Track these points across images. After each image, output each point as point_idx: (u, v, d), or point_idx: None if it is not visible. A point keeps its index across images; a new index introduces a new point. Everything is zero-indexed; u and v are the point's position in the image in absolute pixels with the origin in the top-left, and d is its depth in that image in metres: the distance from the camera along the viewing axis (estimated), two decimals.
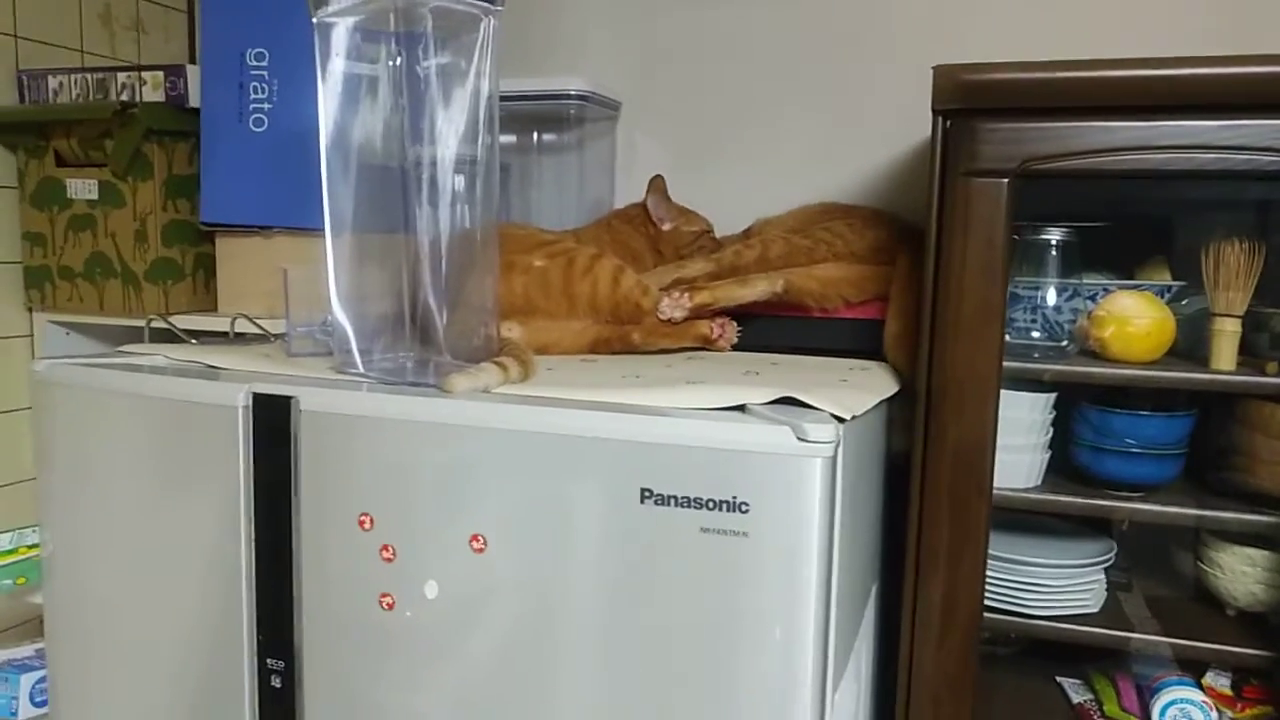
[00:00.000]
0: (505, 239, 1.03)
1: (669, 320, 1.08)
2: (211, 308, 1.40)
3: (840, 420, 0.73)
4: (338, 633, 0.83)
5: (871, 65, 1.36)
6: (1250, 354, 0.98)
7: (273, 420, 0.83)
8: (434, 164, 0.89)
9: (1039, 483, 1.04)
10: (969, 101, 0.90)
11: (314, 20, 0.88)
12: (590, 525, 0.74)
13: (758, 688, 0.72)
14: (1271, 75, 0.82)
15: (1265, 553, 0.99)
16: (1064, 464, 1.06)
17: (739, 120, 1.43)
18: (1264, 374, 0.94)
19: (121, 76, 1.35)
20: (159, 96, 1.34)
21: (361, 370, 0.90)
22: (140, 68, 1.36)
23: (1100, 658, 1.12)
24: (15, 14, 1.42)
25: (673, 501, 0.72)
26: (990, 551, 0.98)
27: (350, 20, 0.87)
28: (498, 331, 0.94)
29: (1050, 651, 1.16)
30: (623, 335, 1.08)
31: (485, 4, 0.84)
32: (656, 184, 1.29)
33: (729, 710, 0.72)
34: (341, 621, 0.82)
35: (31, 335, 1.48)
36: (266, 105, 1.28)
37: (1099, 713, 1.07)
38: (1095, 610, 1.03)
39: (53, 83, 1.39)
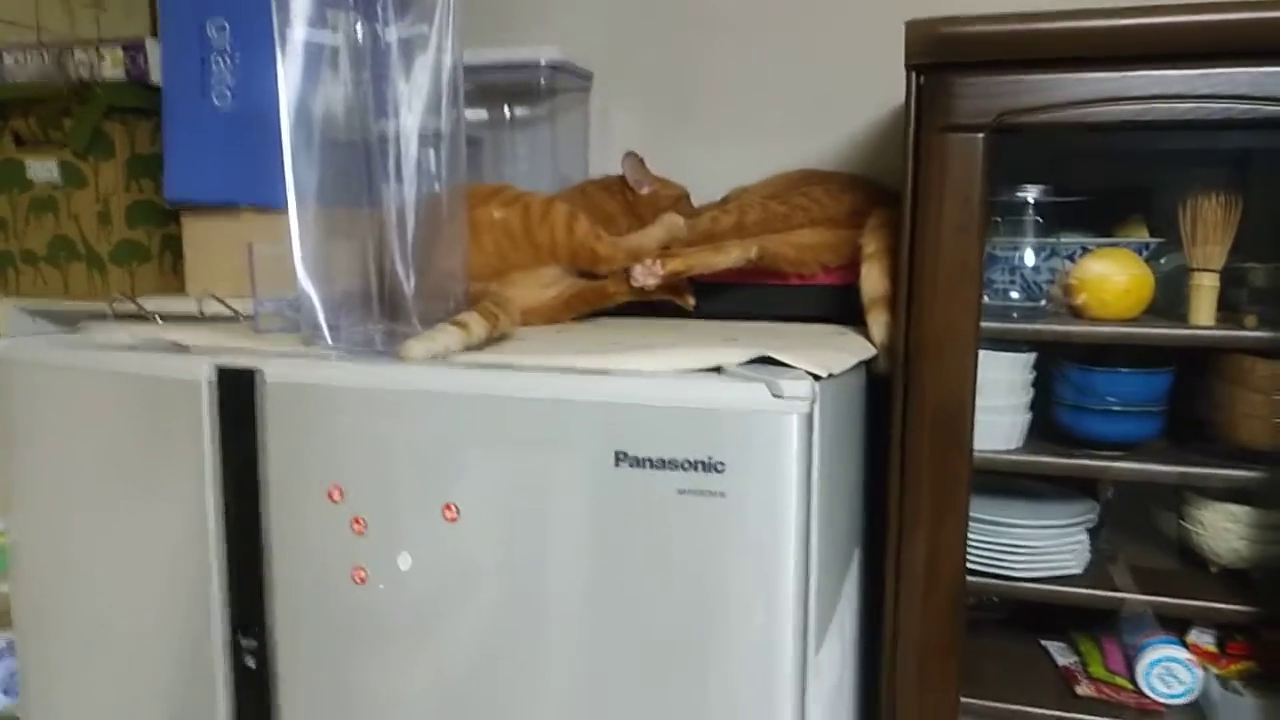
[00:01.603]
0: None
1: (642, 288, 1.07)
2: (180, 289, 1.37)
3: (816, 378, 0.72)
4: (311, 609, 0.81)
5: (846, 28, 1.34)
6: (1229, 308, 0.98)
7: (238, 394, 0.81)
8: (399, 136, 0.88)
9: (1020, 444, 1.03)
10: (943, 55, 0.89)
11: None
12: (565, 491, 0.73)
13: (739, 648, 0.71)
14: (1242, 21, 0.81)
15: (1246, 508, 0.98)
16: (1046, 425, 1.05)
17: (713, 89, 1.41)
18: (1242, 328, 0.93)
19: (79, 53, 1.32)
20: (119, 73, 1.31)
21: (330, 343, 0.88)
22: (99, 43, 1.32)
23: (1085, 619, 1.12)
24: None
25: (648, 464, 0.70)
26: (973, 514, 0.97)
27: None
28: (467, 300, 0.92)
29: (1035, 615, 1.15)
30: (598, 289, 1.07)
31: None
32: (631, 154, 1.28)
33: (712, 671, 0.71)
34: (314, 597, 0.81)
35: None
36: (230, 79, 1.24)
37: (1084, 674, 1.06)
38: (1078, 571, 1.02)
39: (8, 59, 1.35)
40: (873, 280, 1.03)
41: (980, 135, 0.88)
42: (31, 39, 1.47)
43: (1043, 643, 1.14)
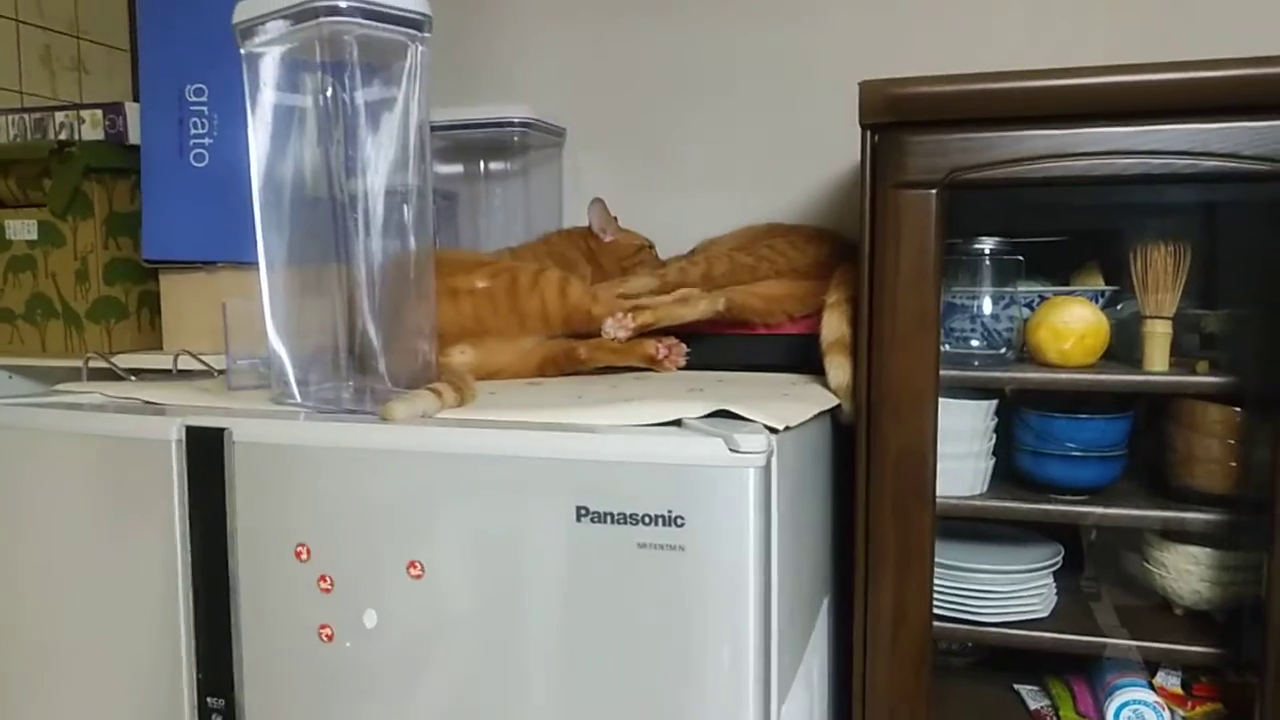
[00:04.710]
0: (444, 264, 1.03)
1: (614, 339, 1.08)
2: (157, 345, 1.38)
3: (773, 431, 0.73)
4: (278, 667, 0.81)
5: (809, 86, 1.38)
6: (1183, 354, 1.00)
7: (206, 453, 0.82)
8: (366, 195, 0.89)
9: (984, 490, 1.05)
10: (895, 115, 0.92)
11: (242, 52, 0.88)
12: (527, 546, 0.73)
13: (705, 700, 0.71)
14: (1178, 82, 0.84)
15: (1207, 550, 1.00)
16: (1009, 470, 1.07)
17: (682, 145, 1.45)
18: (1194, 373, 0.95)
19: (60, 116, 1.34)
20: (98, 135, 1.33)
21: (299, 400, 0.90)
22: (79, 106, 1.35)
23: (1055, 663, 1.13)
24: None
25: (609, 519, 0.71)
26: (939, 560, 0.98)
27: (278, 50, 0.88)
28: (436, 358, 0.93)
29: (1006, 659, 1.16)
30: (569, 351, 1.09)
31: (412, 31, 0.84)
32: (598, 201, 1.31)
33: None
34: (281, 655, 0.81)
35: None
36: (207, 140, 1.27)
37: (1056, 717, 1.07)
38: (1045, 615, 1.03)
39: None
40: (831, 325, 1.05)
41: (933, 191, 0.91)
42: (16, 103, 1.49)
43: (1015, 686, 1.14)
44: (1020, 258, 1.06)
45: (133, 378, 1.13)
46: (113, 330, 1.35)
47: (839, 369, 1.01)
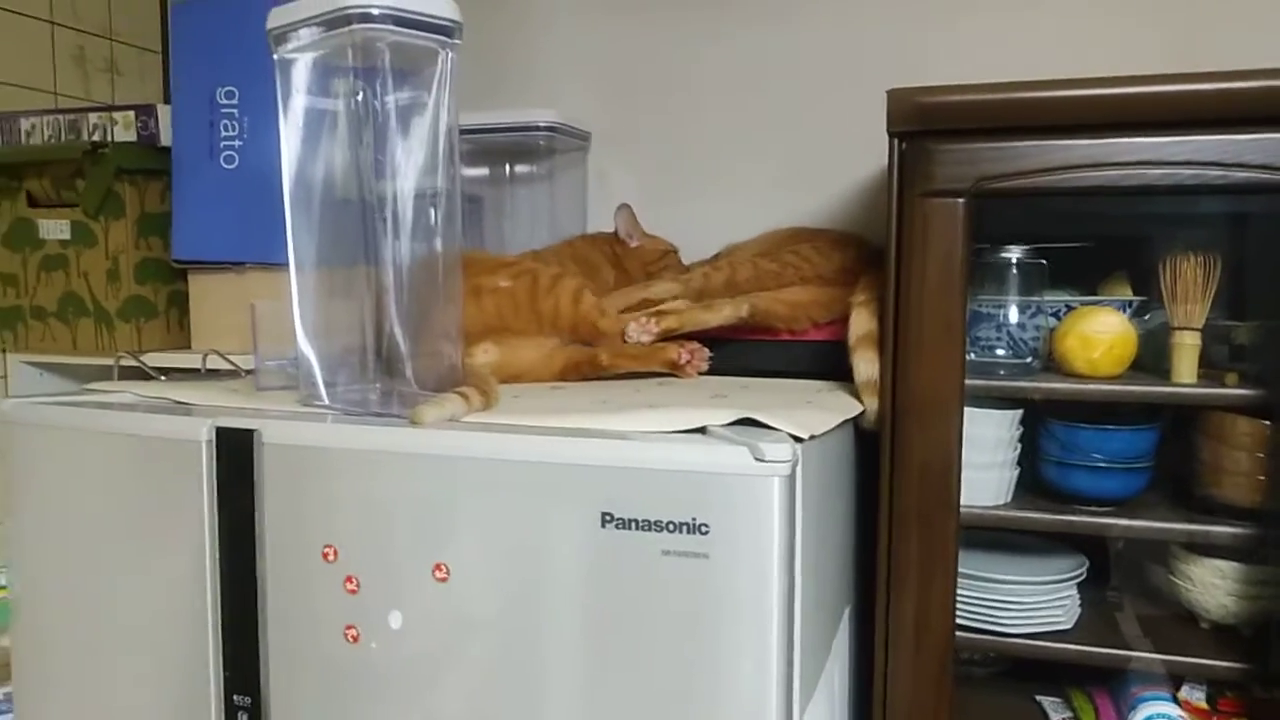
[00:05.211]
0: (469, 264, 1.04)
1: (636, 344, 1.09)
2: (186, 344, 1.40)
3: (798, 440, 0.73)
4: (304, 667, 0.82)
5: (834, 91, 1.38)
6: (1211, 365, 0.99)
7: (236, 454, 0.83)
8: (395, 197, 0.90)
9: (1009, 499, 1.04)
10: (923, 124, 0.91)
11: (275, 57, 0.89)
12: (552, 551, 0.74)
13: (727, 707, 0.71)
14: (1211, 92, 0.84)
15: (1234, 564, 0.99)
16: (1034, 480, 1.06)
17: (707, 148, 1.45)
18: (1223, 385, 0.94)
19: (93, 117, 1.36)
20: (130, 136, 1.35)
21: (326, 402, 0.91)
22: (112, 108, 1.37)
23: (1078, 675, 1.12)
24: None
25: (634, 525, 0.72)
26: (963, 569, 0.98)
27: (310, 56, 0.89)
28: (461, 360, 0.94)
29: (1029, 670, 1.15)
30: (591, 358, 1.09)
31: (442, 38, 0.85)
32: (625, 207, 1.32)
33: None
34: (307, 655, 0.82)
35: (5, 376, 1.48)
36: (237, 142, 1.29)
37: None
38: (1069, 626, 1.03)
39: (25, 124, 1.40)
40: (860, 321, 1.05)
41: (960, 200, 0.91)
42: (50, 104, 1.52)
43: (1037, 698, 1.14)
44: (1044, 261, 1.06)
45: (163, 377, 1.14)
46: (142, 329, 1.37)
47: (867, 362, 1.01)
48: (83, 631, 0.93)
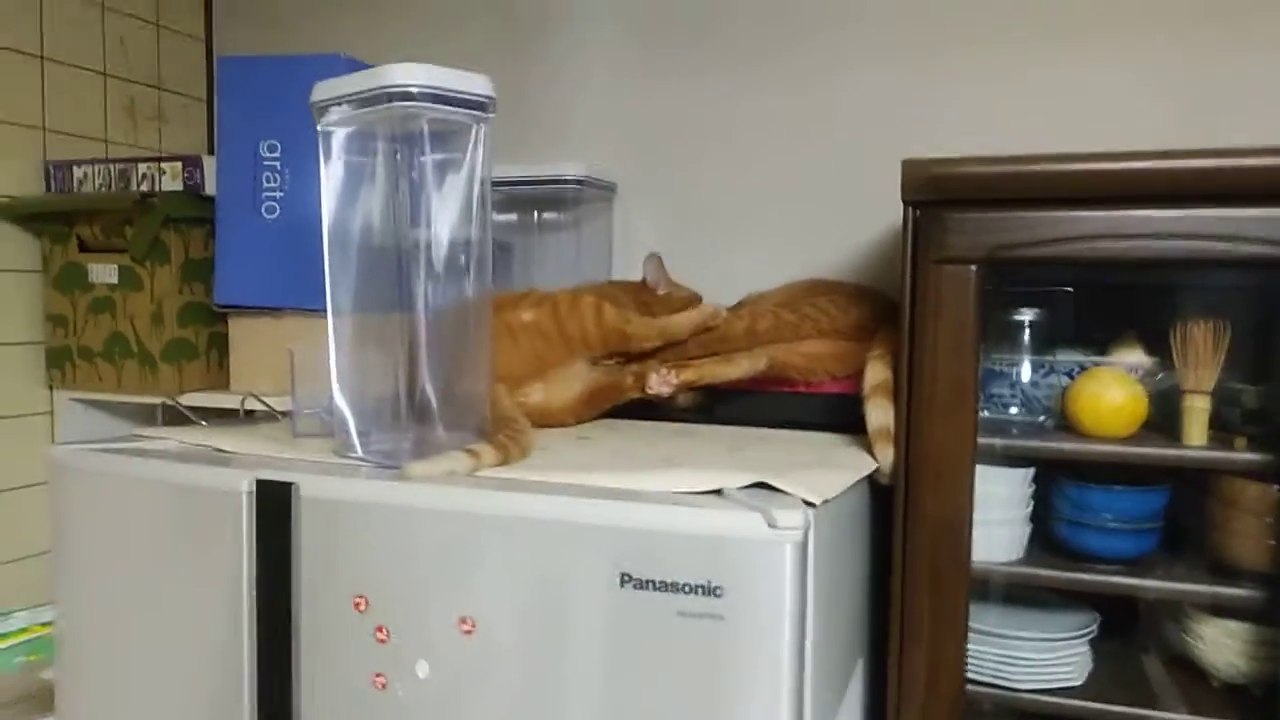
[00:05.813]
0: (496, 304, 1.08)
1: (656, 396, 1.13)
2: (224, 385, 1.45)
3: (810, 505, 0.76)
4: (334, 711, 0.86)
5: (850, 147, 1.42)
6: (1222, 428, 1.01)
7: (274, 506, 0.87)
8: (429, 247, 0.94)
9: (1021, 556, 1.06)
10: (937, 193, 0.95)
11: (318, 128, 0.94)
12: (573, 608, 0.77)
13: None
14: (1213, 169, 0.86)
15: (1243, 625, 1.00)
16: (1046, 537, 1.08)
17: (728, 201, 1.49)
18: (1232, 450, 0.96)
19: (142, 167, 1.43)
20: (177, 185, 1.41)
21: (360, 454, 0.95)
22: (160, 159, 1.43)
23: None
24: (44, 107, 1.51)
25: (651, 586, 0.75)
26: (975, 624, 1.00)
27: (351, 129, 0.94)
28: (509, 405, 0.98)
29: None
30: (617, 386, 1.13)
31: (478, 113, 0.90)
32: (654, 255, 1.36)
33: None
34: (338, 700, 0.86)
35: (52, 412, 1.54)
36: (278, 194, 1.34)
37: None
38: (1080, 683, 1.04)
39: (78, 173, 1.47)
40: (874, 372, 1.07)
41: (974, 267, 0.94)
42: (100, 151, 1.59)
43: None
44: (1060, 325, 1.08)
45: (204, 422, 1.19)
46: (184, 370, 1.42)
47: (880, 410, 1.03)
48: (123, 669, 0.97)
